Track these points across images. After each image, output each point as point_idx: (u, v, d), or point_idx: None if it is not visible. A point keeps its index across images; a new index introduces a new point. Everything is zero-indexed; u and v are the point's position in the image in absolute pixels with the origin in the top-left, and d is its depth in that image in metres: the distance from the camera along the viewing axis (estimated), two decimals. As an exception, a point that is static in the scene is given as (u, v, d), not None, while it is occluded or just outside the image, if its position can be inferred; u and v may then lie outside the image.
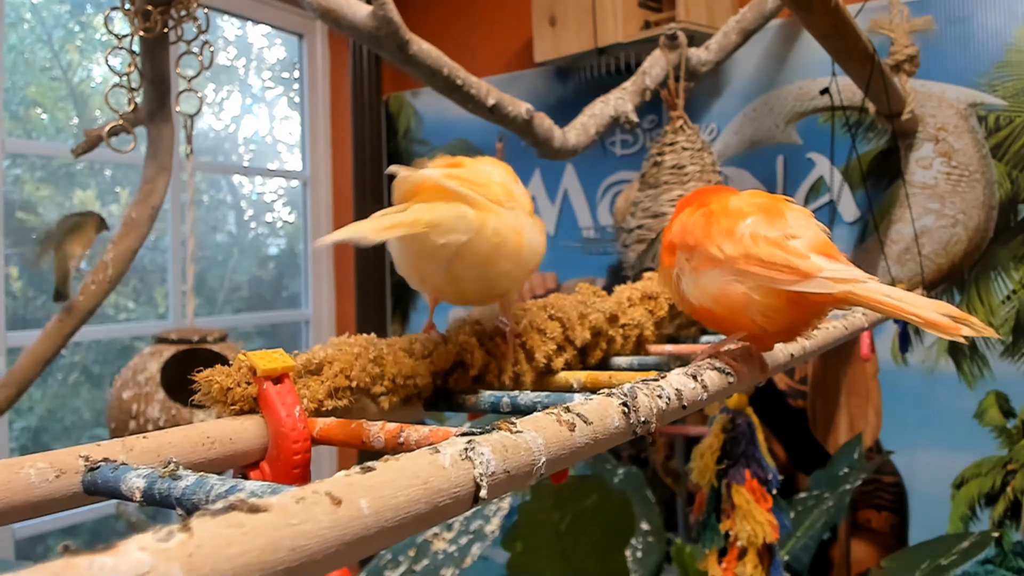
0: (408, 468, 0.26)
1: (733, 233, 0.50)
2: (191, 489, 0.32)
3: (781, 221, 0.50)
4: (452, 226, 0.42)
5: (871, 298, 0.46)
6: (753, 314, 0.49)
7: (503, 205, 0.45)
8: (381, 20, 0.78)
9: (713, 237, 0.51)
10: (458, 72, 0.91)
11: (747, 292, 0.49)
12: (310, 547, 0.22)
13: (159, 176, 1.11)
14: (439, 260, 0.44)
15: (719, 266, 0.50)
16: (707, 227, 0.52)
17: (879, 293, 0.46)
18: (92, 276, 1.07)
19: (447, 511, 0.26)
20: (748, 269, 0.48)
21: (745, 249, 0.49)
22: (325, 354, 0.47)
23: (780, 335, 0.53)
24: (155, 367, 0.97)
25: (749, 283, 0.49)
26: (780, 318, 0.50)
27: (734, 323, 0.51)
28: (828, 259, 0.48)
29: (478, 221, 0.43)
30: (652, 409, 0.37)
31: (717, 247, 0.50)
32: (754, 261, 0.48)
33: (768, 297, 0.49)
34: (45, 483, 0.36)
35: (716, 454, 0.82)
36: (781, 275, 0.47)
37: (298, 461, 0.41)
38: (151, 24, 1.02)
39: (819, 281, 0.46)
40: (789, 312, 0.49)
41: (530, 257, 0.47)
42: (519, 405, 0.45)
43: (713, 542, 0.84)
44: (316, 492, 0.23)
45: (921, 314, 0.44)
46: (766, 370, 0.57)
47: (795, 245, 0.49)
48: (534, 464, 0.29)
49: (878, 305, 0.45)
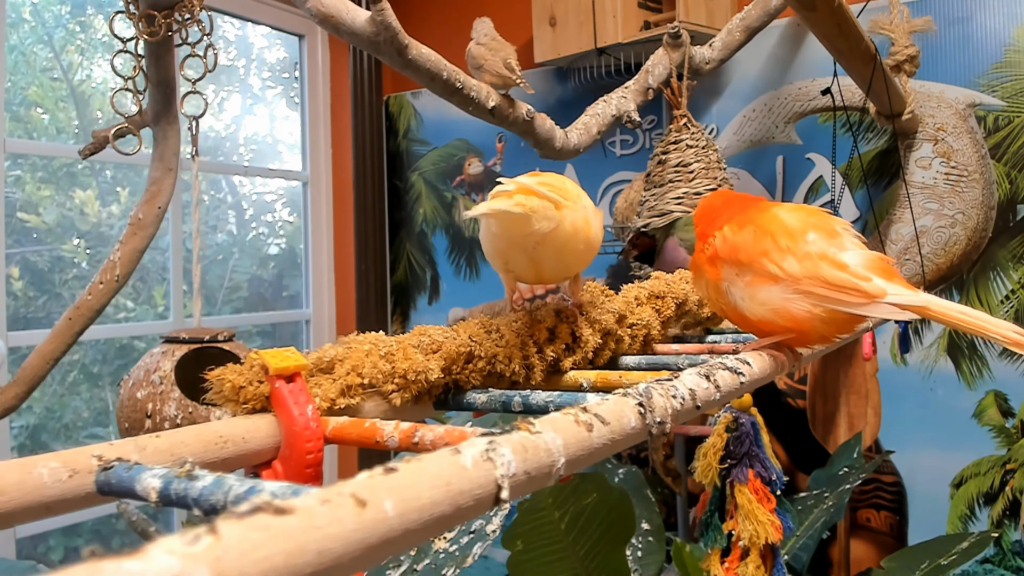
0: (430, 469, 0.26)
1: (794, 251, 0.52)
2: (209, 490, 0.31)
3: (838, 239, 0.52)
4: (544, 214, 0.52)
5: (951, 316, 0.48)
6: (815, 325, 0.51)
7: (576, 202, 0.55)
8: (380, 25, 0.78)
9: (770, 254, 0.52)
10: (458, 75, 0.91)
11: (810, 309, 0.51)
12: (336, 550, 0.22)
13: (165, 177, 1.12)
14: (526, 247, 0.54)
15: (779, 283, 0.52)
16: (760, 244, 0.53)
17: (957, 311, 0.48)
18: (100, 276, 1.08)
19: (469, 512, 0.26)
20: (812, 290, 0.50)
21: (808, 270, 0.51)
22: (336, 352, 0.47)
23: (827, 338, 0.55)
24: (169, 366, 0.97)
25: (812, 301, 0.51)
26: (838, 328, 0.52)
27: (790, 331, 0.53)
28: (888, 280, 0.50)
29: (560, 214, 0.53)
30: (667, 409, 0.37)
31: (776, 265, 0.52)
32: (819, 282, 0.50)
33: (832, 313, 0.51)
34: (58, 483, 0.36)
35: (720, 453, 0.81)
36: (848, 297, 0.49)
37: (311, 460, 0.41)
38: (155, 28, 1.03)
39: (885, 307, 0.48)
40: (847, 322, 0.52)
41: (596, 242, 0.58)
42: (531, 405, 0.45)
43: (716, 542, 0.84)
44: (341, 494, 0.23)
45: (1003, 333, 0.46)
46: (799, 359, 0.59)
47: (855, 264, 0.50)
48: (553, 465, 0.29)
49: (956, 323, 0.47)
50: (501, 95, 0.98)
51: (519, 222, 0.51)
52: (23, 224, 1.94)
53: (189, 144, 1.19)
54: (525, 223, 0.51)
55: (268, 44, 2.62)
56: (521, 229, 0.52)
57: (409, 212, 2.57)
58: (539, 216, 0.51)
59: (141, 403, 0.95)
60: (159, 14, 1.04)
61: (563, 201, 0.53)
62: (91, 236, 2.09)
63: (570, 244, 0.55)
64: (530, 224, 0.51)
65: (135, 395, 0.96)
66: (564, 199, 0.54)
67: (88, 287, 1.09)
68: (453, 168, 2.48)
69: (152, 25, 1.04)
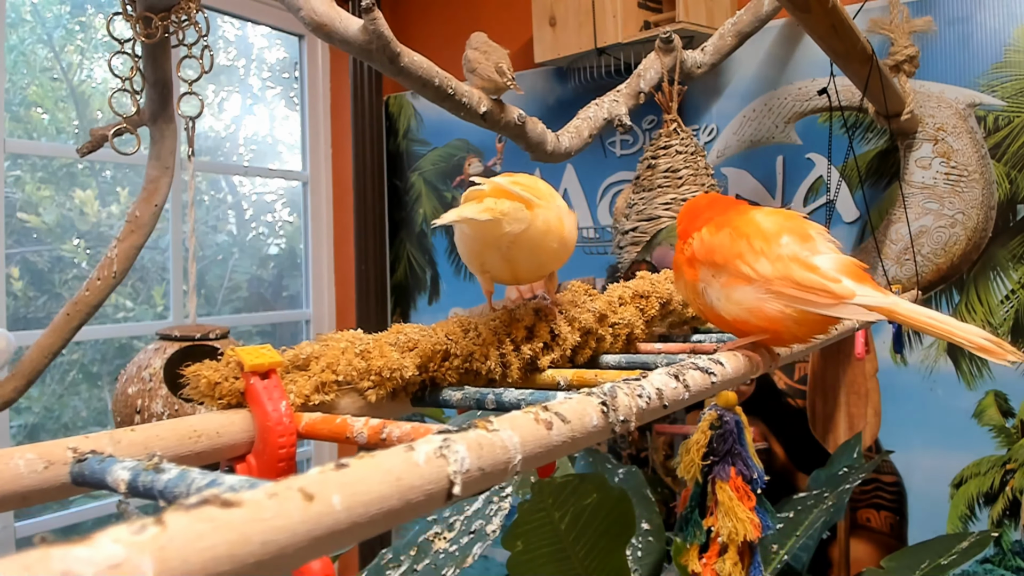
0: (382, 465, 0.26)
1: (767, 254, 0.53)
2: (173, 482, 0.32)
3: (810, 243, 0.54)
4: (515, 216, 0.53)
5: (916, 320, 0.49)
6: (788, 325, 0.53)
7: (549, 202, 0.57)
8: (372, 34, 0.79)
9: (744, 256, 0.54)
10: (449, 81, 0.92)
11: (782, 309, 0.52)
12: (281, 541, 0.22)
13: (162, 176, 1.14)
14: (500, 248, 0.55)
15: (752, 284, 0.53)
16: (735, 246, 0.55)
17: (925, 315, 0.49)
18: (98, 272, 1.10)
19: (420, 507, 0.26)
20: (783, 291, 0.51)
21: (780, 271, 0.52)
22: (312, 349, 0.47)
23: (801, 339, 0.56)
24: (159, 363, 0.98)
25: (784, 301, 0.52)
26: (812, 328, 0.53)
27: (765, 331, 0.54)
28: (858, 282, 0.51)
29: (532, 214, 0.54)
30: (632, 408, 0.37)
31: (749, 267, 0.53)
32: (789, 283, 0.51)
33: (803, 312, 0.52)
34: (34, 474, 0.37)
35: (703, 450, 0.82)
36: (817, 298, 0.50)
37: (284, 455, 0.41)
38: (152, 30, 1.05)
39: (853, 308, 0.49)
40: (820, 323, 0.53)
41: (570, 241, 0.59)
42: (504, 402, 0.45)
43: (695, 537, 0.85)
44: (289, 488, 0.24)
45: (969, 338, 0.47)
46: (777, 359, 0.60)
47: (825, 267, 0.51)
48: (509, 462, 0.30)
49: (923, 326, 0.48)
50: (493, 100, 0.99)
51: (490, 225, 0.53)
52: (23, 224, 1.95)
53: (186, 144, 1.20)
54: (496, 226, 0.53)
55: (268, 44, 2.63)
56: (493, 231, 0.53)
57: (409, 212, 2.58)
58: (509, 218, 0.53)
59: (132, 399, 0.96)
60: (156, 16, 1.06)
61: (536, 200, 0.54)
62: (91, 236, 2.10)
63: (544, 243, 0.56)
64: (501, 226, 0.53)
65: (126, 391, 0.97)
66: (537, 198, 0.55)
67: (86, 283, 1.11)
68: (453, 168, 2.49)
69: (149, 27, 1.06)
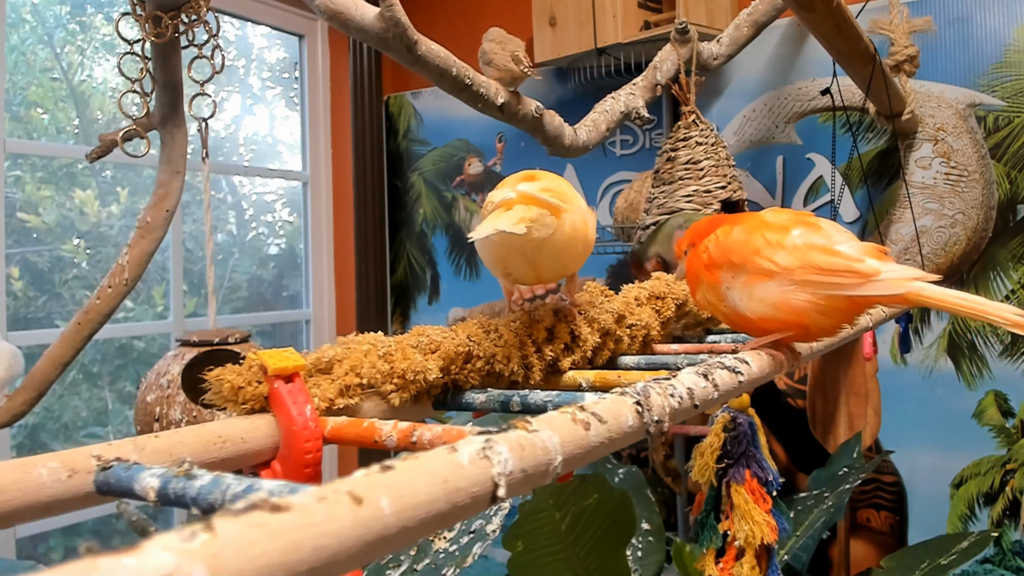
0: (427, 467, 0.26)
1: (784, 245, 0.52)
2: (207, 488, 0.31)
3: (824, 232, 0.53)
4: (543, 223, 0.54)
5: (946, 301, 0.47)
6: (814, 316, 0.52)
7: (573, 204, 0.57)
8: (389, 21, 0.78)
9: (761, 251, 0.53)
10: (467, 72, 0.90)
11: (809, 298, 0.51)
12: (332, 547, 0.22)
13: (173, 180, 1.10)
14: (526, 253, 0.56)
15: (774, 278, 0.52)
16: (751, 242, 0.54)
17: (954, 296, 0.47)
18: (109, 279, 1.07)
19: (466, 510, 0.26)
20: (808, 278, 0.51)
21: (801, 260, 0.51)
22: (334, 352, 0.47)
23: (828, 330, 0.55)
24: (177, 370, 0.97)
25: (810, 290, 0.51)
26: (840, 317, 0.52)
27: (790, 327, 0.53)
28: (881, 260, 0.50)
29: (558, 219, 0.54)
30: (665, 408, 0.37)
31: (768, 260, 0.53)
32: (812, 270, 0.51)
33: (831, 300, 0.51)
34: (57, 483, 0.36)
35: (716, 453, 0.81)
36: (843, 280, 0.49)
37: (310, 460, 0.41)
38: (162, 29, 1.02)
39: (881, 284, 0.48)
40: (848, 310, 0.52)
41: (592, 241, 0.60)
42: (529, 404, 0.45)
43: (711, 541, 0.84)
44: (337, 491, 0.23)
45: (1004, 315, 0.45)
46: (799, 358, 0.59)
47: (847, 251, 0.51)
48: (550, 463, 0.29)
49: (953, 307, 0.47)
50: (510, 92, 0.97)
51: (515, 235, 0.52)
52: (23, 224, 1.94)
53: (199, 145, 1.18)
54: (526, 234, 0.53)
55: (268, 44, 2.62)
56: (522, 238, 0.53)
57: (409, 212, 2.57)
58: (538, 225, 0.53)
59: (151, 407, 0.95)
60: (166, 15, 1.02)
61: (563, 205, 0.55)
62: (91, 236, 2.09)
63: (570, 246, 0.56)
64: (530, 234, 0.53)
65: (146, 399, 0.96)
66: (564, 203, 0.55)
67: (96, 291, 1.07)
68: (453, 168, 2.48)
69: (159, 26, 1.02)
